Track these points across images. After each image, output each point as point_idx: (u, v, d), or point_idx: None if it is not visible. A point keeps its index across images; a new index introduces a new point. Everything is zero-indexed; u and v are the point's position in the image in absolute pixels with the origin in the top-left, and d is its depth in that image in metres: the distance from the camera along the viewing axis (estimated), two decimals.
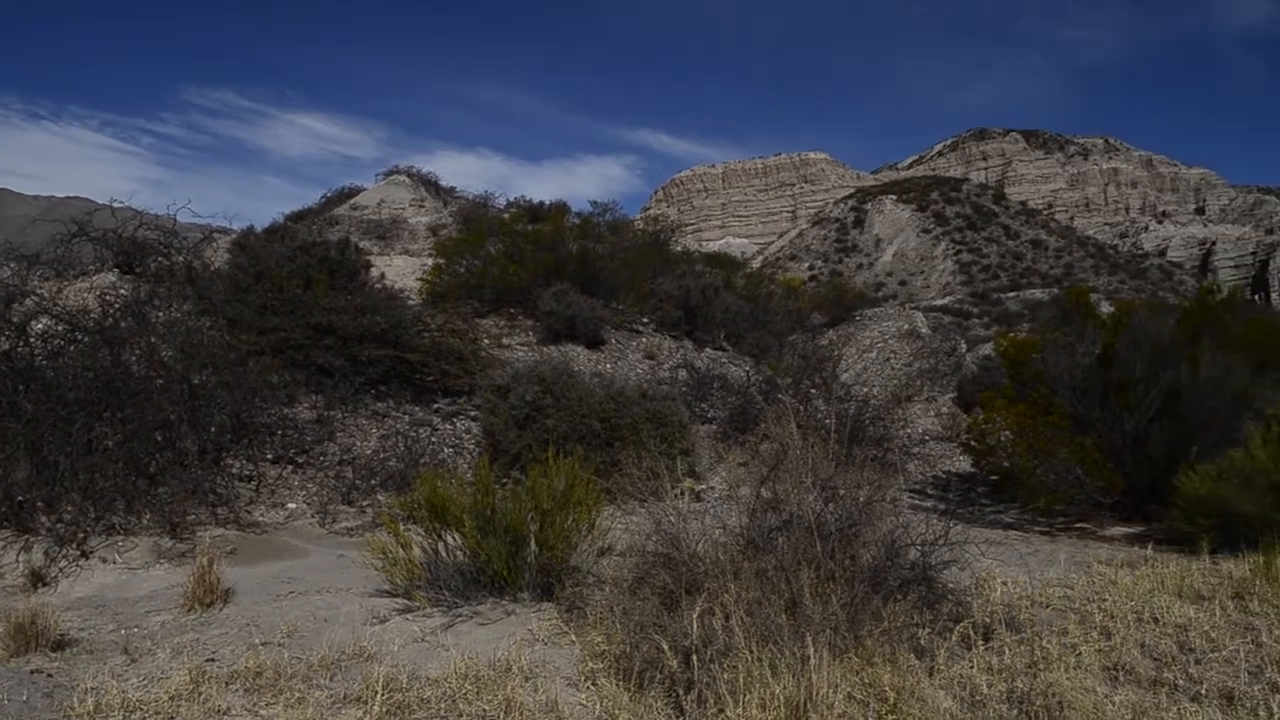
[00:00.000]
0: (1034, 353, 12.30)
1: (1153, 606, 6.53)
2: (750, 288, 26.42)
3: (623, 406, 11.08)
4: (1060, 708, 4.67)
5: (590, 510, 6.99)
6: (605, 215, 28.08)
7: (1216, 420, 10.51)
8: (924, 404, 20.93)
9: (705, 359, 17.98)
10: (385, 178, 44.54)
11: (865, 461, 6.38)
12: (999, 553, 8.48)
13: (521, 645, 5.58)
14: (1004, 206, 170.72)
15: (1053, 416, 10.86)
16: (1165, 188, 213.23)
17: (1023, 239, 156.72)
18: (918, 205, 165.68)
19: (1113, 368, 11.15)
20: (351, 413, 12.02)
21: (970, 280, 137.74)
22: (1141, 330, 11.31)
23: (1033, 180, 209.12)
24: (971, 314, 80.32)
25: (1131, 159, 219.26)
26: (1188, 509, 9.06)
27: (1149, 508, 10.48)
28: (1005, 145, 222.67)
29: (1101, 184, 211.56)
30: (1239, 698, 4.83)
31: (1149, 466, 10.70)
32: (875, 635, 5.17)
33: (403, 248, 32.54)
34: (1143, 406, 10.68)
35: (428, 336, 13.50)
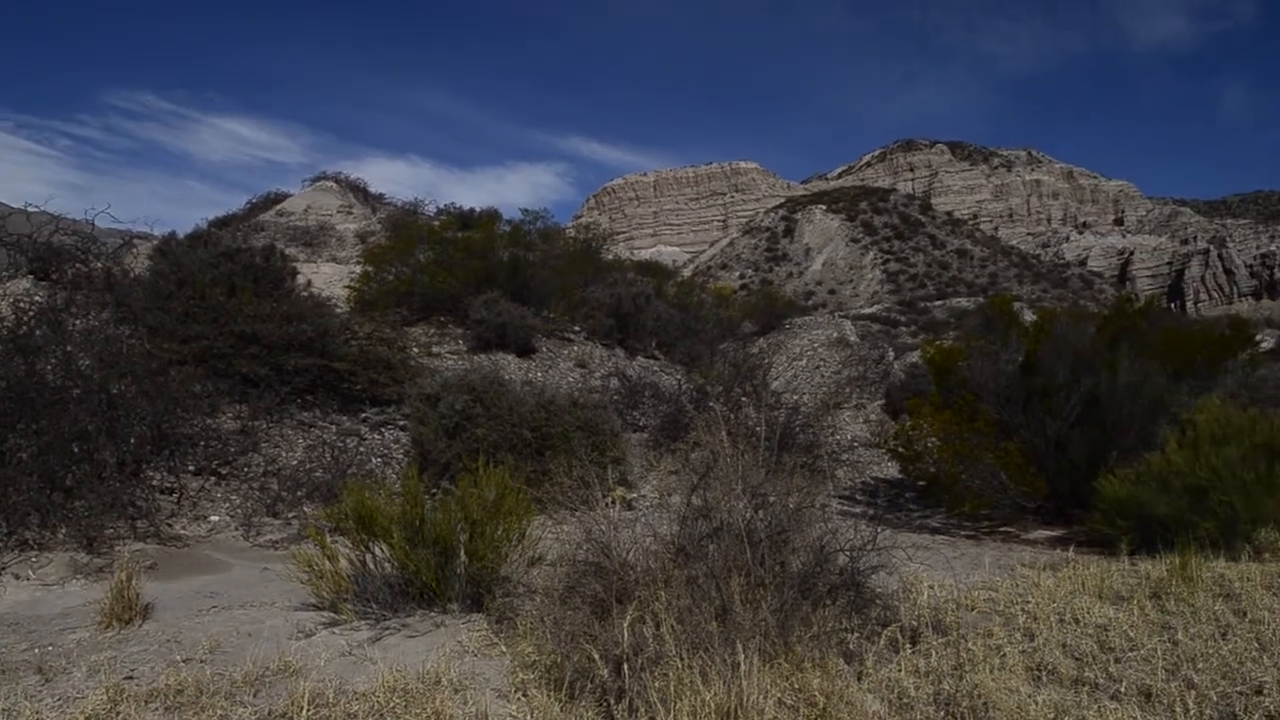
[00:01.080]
0: (959, 360, 12.50)
1: (1074, 607, 6.67)
2: (682, 296, 26.53)
3: (554, 415, 11.04)
4: (985, 708, 4.74)
5: (521, 520, 6.94)
6: (536, 223, 28.02)
7: (1134, 425, 10.78)
8: (853, 411, 21.17)
9: (637, 367, 18.00)
10: (313, 184, 43.92)
11: (795, 468, 6.42)
12: (926, 557, 8.61)
13: (451, 657, 5.52)
14: (931, 216, 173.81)
15: (978, 423, 11.05)
16: (1086, 199, 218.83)
17: (949, 248, 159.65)
18: (847, 215, 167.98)
19: (1035, 375, 11.37)
20: (277, 423, 11.82)
21: (898, 289, 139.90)
22: (1063, 338, 11.55)
23: (958, 191, 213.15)
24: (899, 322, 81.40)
25: (1053, 171, 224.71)
26: (1107, 512, 9.27)
27: (1071, 511, 10.70)
28: (932, 157, 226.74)
29: (1025, 195, 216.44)
30: (1156, 695, 4.95)
31: (1070, 471, 10.93)
32: (805, 640, 5.21)
33: (330, 255, 32.09)
34: (1064, 412, 10.91)
35: (355, 345, 13.32)
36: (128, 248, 16.93)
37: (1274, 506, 8.70)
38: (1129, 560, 8.30)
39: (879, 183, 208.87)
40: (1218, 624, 6.28)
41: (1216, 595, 7.03)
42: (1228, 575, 7.59)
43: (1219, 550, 8.44)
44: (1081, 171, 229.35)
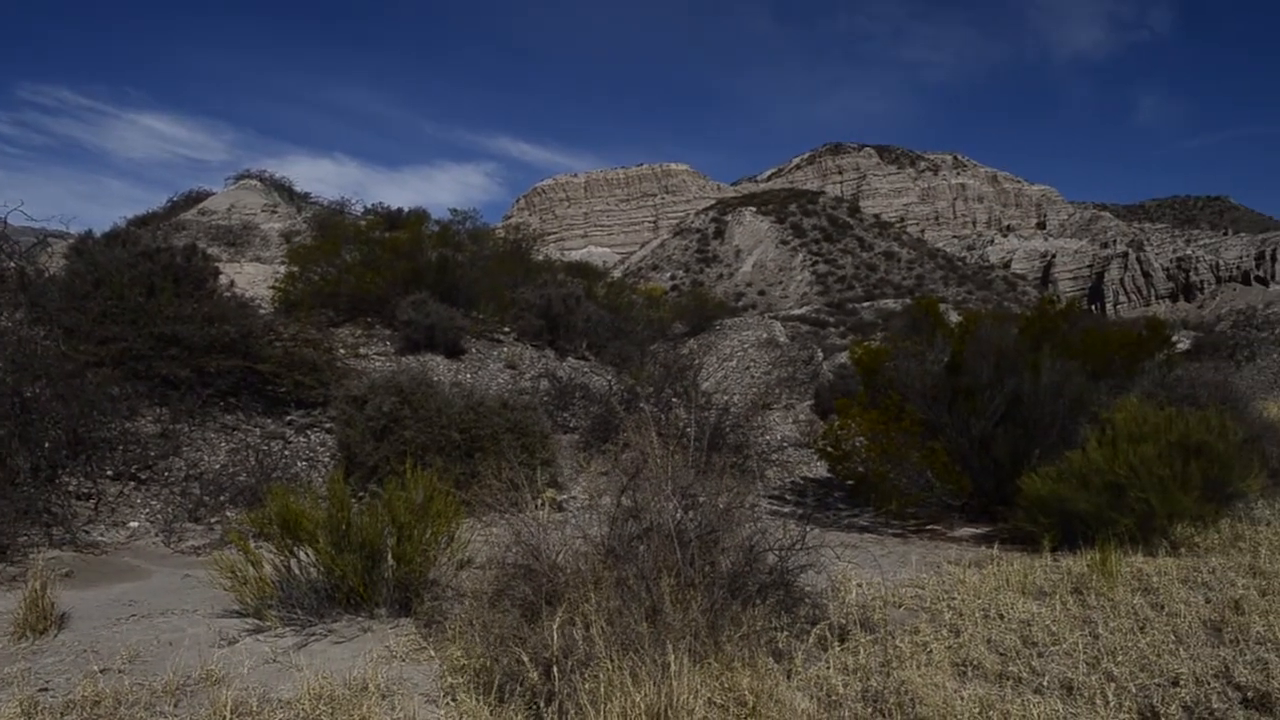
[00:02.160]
0: (886, 361, 12.64)
1: (998, 603, 6.79)
2: (612, 297, 26.49)
3: (483, 417, 10.94)
4: (912, 704, 4.80)
5: (449, 522, 6.87)
6: (465, 223, 27.83)
7: (1055, 424, 10.99)
8: (783, 411, 21.32)
9: (567, 368, 17.94)
10: (236, 182, 43.09)
11: (724, 469, 6.44)
12: (854, 555, 8.69)
13: (378, 663, 5.45)
14: (859, 219, 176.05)
15: (904, 422, 11.18)
16: (1009, 203, 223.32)
17: (876, 251, 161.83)
18: (776, 217, 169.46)
19: (960, 375, 11.54)
20: (199, 426, 11.56)
21: (827, 290, 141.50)
22: (987, 339, 11.74)
23: (886, 194, 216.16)
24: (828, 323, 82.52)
25: (978, 175, 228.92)
26: (1030, 509, 9.44)
27: (995, 509, 10.88)
28: (860, 160, 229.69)
29: (950, 199, 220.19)
30: (1078, 688, 5.05)
31: (995, 469, 11.11)
32: (735, 640, 5.22)
33: (254, 255, 31.49)
34: (988, 412, 11.09)
35: (280, 346, 13.08)
36: (42, 246, 16.47)
37: (1189, 502, 8.92)
38: (1051, 556, 8.47)
39: (808, 185, 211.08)
40: (1136, 618, 6.43)
41: (1135, 589, 7.20)
42: (1146, 570, 7.78)
43: (1137, 545, 8.64)
44: (1005, 176, 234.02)
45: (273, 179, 44.08)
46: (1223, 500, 9.47)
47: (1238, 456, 9.52)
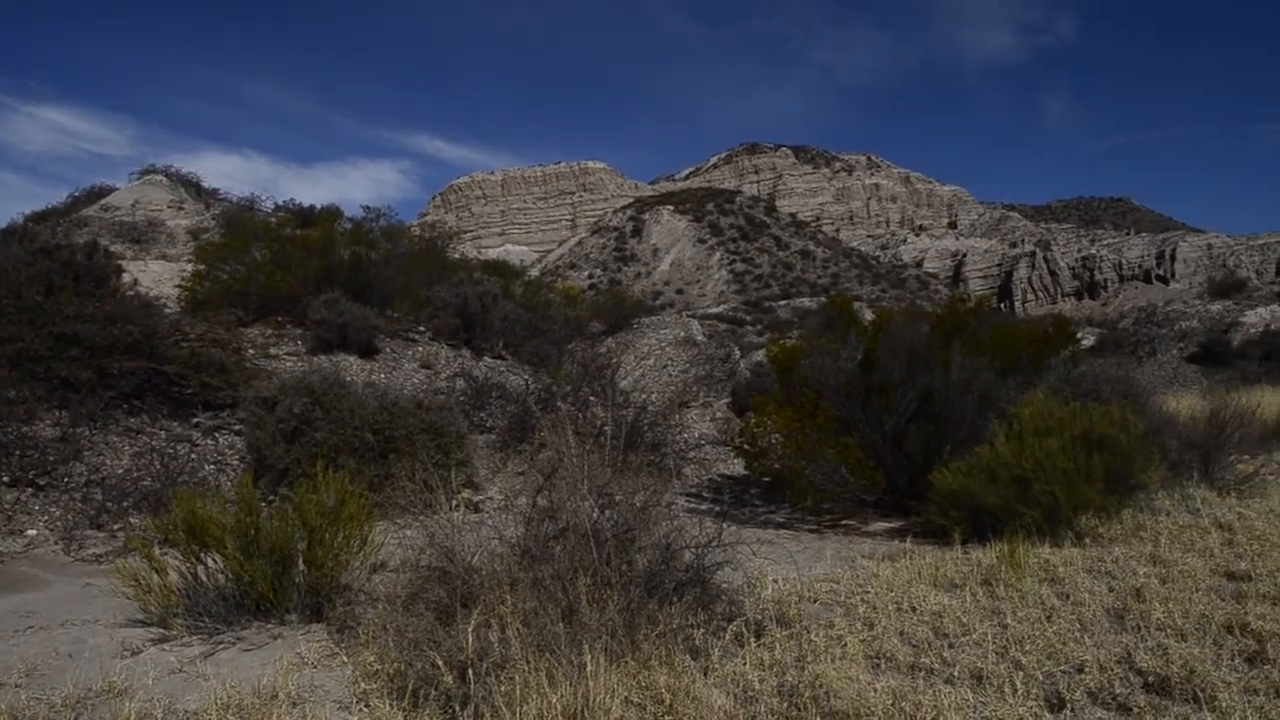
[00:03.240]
0: (801, 359, 12.76)
1: (911, 596, 6.90)
2: (529, 296, 26.37)
3: (397, 417, 10.79)
4: (827, 697, 4.84)
5: (362, 526, 6.76)
6: (379, 220, 27.39)
7: (965, 420, 11.21)
8: (700, 409, 21.43)
9: (483, 368, 17.79)
10: (141, 177, 42.01)
11: (641, 467, 6.44)
12: (770, 551, 8.76)
13: (289, 670, 5.34)
14: (775, 218, 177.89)
15: (819, 419, 11.30)
16: (922, 203, 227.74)
17: (793, 249, 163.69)
18: (694, 216, 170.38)
19: (874, 372, 11.70)
20: (101, 429, 11.19)
21: (744, 289, 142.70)
22: (899, 336, 11.92)
23: (802, 194, 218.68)
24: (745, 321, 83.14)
25: (891, 175, 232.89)
26: (941, 503, 9.61)
27: (908, 503, 11.04)
28: (776, 160, 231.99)
29: (864, 198, 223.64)
30: (988, 677, 5.15)
31: (907, 464, 11.29)
32: (651, 638, 5.22)
33: (160, 252, 30.68)
34: (901, 408, 11.27)
35: (187, 347, 12.72)
36: None
37: (1093, 494, 9.17)
38: (962, 549, 8.63)
39: (725, 184, 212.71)
40: (1043, 607, 6.58)
41: (1042, 580, 7.37)
42: (1052, 560, 7.97)
43: (1044, 537, 8.86)
44: (918, 176, 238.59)
45: (179, 174, 43.07)
46: (1125, 492, 9.76)
47: (1139, 449, 9.82)
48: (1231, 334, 35.10)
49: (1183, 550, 8.37)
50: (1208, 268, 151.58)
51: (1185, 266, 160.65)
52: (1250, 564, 7.72)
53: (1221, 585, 7.19)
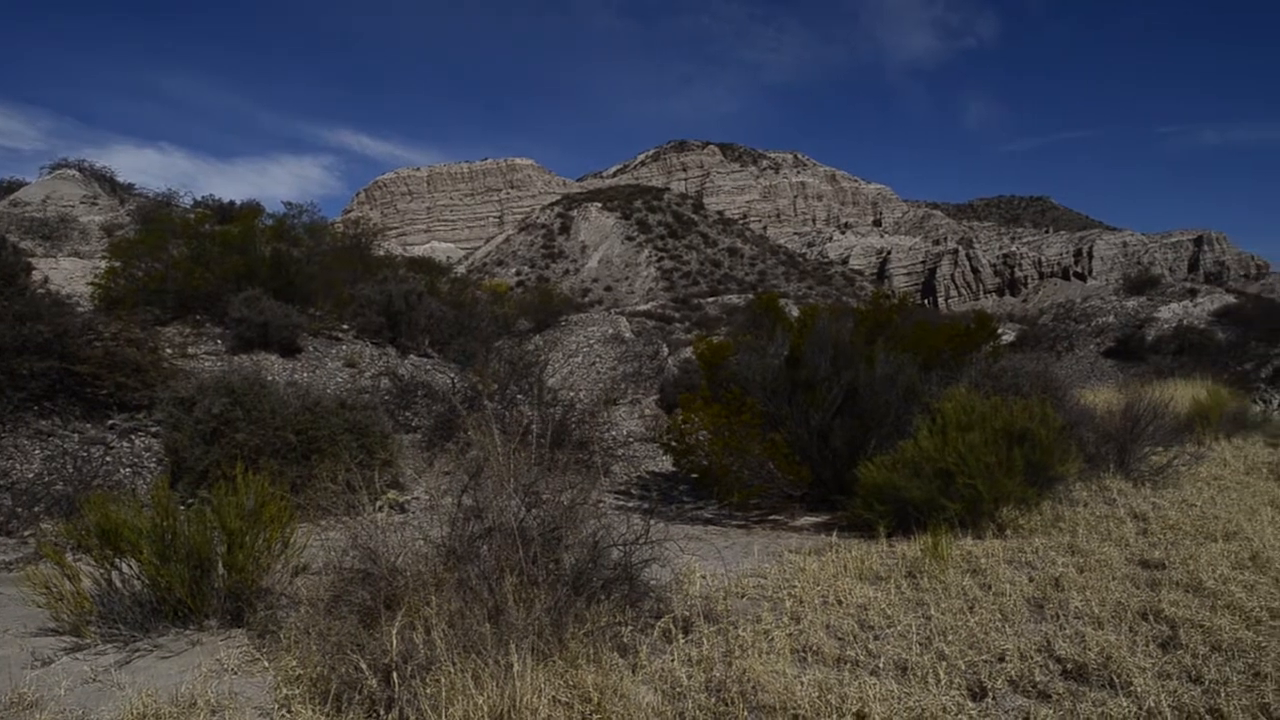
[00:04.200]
0: (728, 356, 12.83)
1: (837, 589, 6.97)
2: (456, 293, 26.13)
3: (320, 417, 10.60)
4: (754, 692, 4.87)
5: (284, 528, 6.62)
6: (302, 217, 26.86)
7: (890, 414, 11.36)
8: (629, 406, 21.43)
9: (409, 366, 17.59)
10: (52, 172, 40.83)
11: (569, 465, 6.41)
12: (699, 548, 8.78)
13: (208, 677, 5.21)
14: (703, 216, 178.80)
15: (746, 415, 11.35)
16: (847, 201, 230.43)
17: (720, 247, 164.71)
18: (622, 213, 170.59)
19: (800, 368, 11.80)
20: (10, 432, 10.84)
21: (672, 286, 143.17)
22: (824, 333, 12.03)
23: (729, 191, 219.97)
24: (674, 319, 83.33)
25: (818, 174, 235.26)
26: (867, 497, 9.72)
27: (834, 497, 11.16)
28: (704, 157, 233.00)
29: (791, 196, 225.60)
30: (912, 668, 5.22)
31: (833, 459, 11.41)
32: (579, 637, 5.20)
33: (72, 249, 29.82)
34: (826, 403, 11.38)
35: (100, 346, 12.36)
36: None
37: (1014, 486, 9.35)
38: (887, 542, 8.74)
39: (653, 182, 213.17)
40: (966, 598, 6.69)
41: (965, 571, 7.50)
42: (974, 552, 8.11)
43: (967, 529, 9.02)
44: (844, 175, 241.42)
45: (93, 169, 41.93)
46: (1044, 484, 9.96)
47: (1058, 442, 10.03)
48: (1146, 329, 36.02)
49: (1100, 540, 8.58)
50: (1123, 265, 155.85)
51: (1102, 264, 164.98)
52: (1164, 552, 7.94)
53: (1136, 574, 7.38)
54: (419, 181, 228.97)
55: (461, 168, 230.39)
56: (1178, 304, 38.96)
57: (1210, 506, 10.08)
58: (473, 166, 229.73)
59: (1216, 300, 39.43)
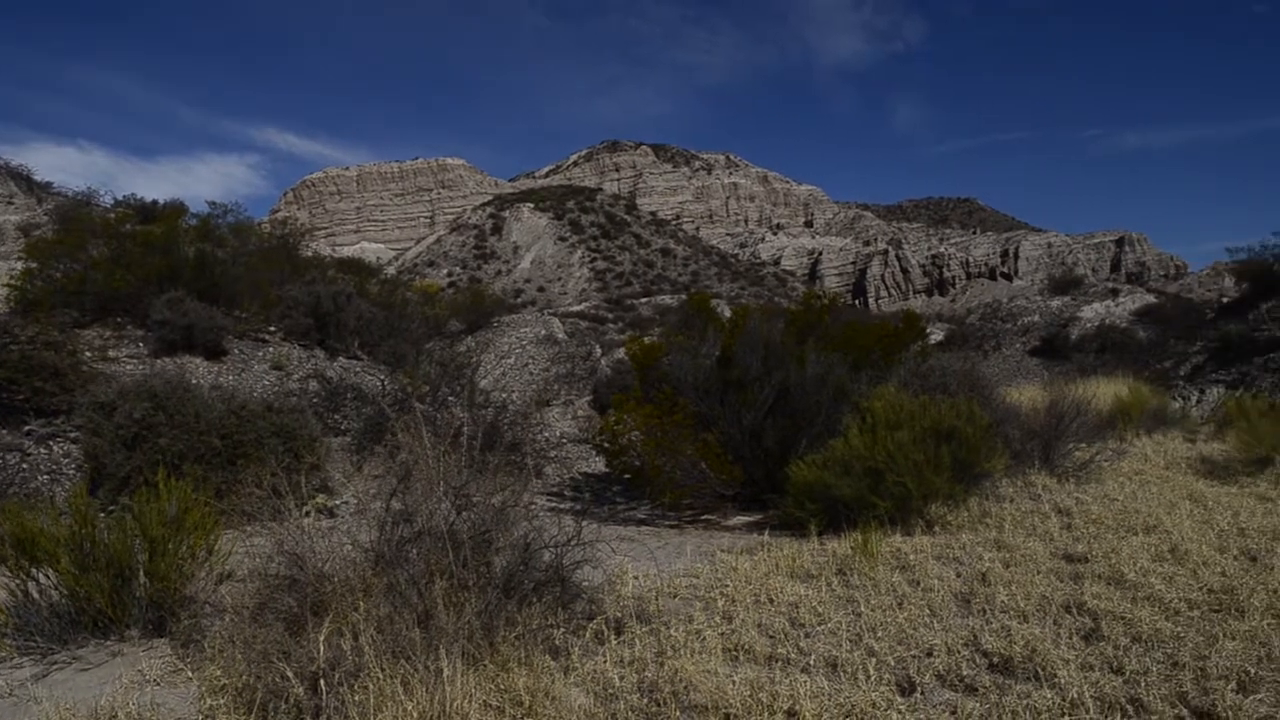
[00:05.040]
0: (661, 356, 12.84)
1: (769, 588, 7.01)
2: (386, 294, 25.81)
3: (246, 421, 10.40)
4: (686, 691, 4.88)
5: (208, 534, 6.49)
6: (227, 217, 26.31)
7: (820, 414, 11.46)
8: (562, 408, 21.38)
9: (338, 368, 17.35)
10: None
11: (500, 467, 6.36)
12: (632, 549, 8.78)
13: (129, 689, 5.09)
14: (636, 216, 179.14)
15: (678, 416, 11.38)
16: (779, 202, 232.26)
17: (653, 248, 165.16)
18: (555, 214, 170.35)
19: (731, 368, 11.86)
20: None
21: (605, 287, 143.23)
22: (756, 333, 12.10)
23: (662, 192, 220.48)
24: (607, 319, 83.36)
25: (750, 175, 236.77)
26: (798, 496, 9.79)
27: (766, 496, 11.22)
28: (636, 158, 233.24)
29: (724, 197, 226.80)
30: (842, 664, 5.27)
31: (765, 458, 11.48)
32: (510, 640, 5.17)
33: None
34: (758, 403, 11.45)
35: (16, 350, 12.01)
36: None
37: (942, 484, 9.49)
38: (818, 540, 8.81)
39: (586, 182, 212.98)
40: (895, 594, 6.78)
41: (894, 568, 7.59)
42: (904, 549, 8.22)
43: (896, 526, 9.13)
44: (775, 176, 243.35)
45: (8, 167, 40.62)
46: (971, 480, 10.13)
47: (984, 440, 10.20)
48: (1070, 328, 36.79)
49: (1025, 535, 8.74)
50: (1048, 265, 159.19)
51: (1028, 264, 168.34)
52: (1087, 546, 8.11)
53: (1061, 567, 7.53)
54: (348, 181, 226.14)
55: (392, 167, 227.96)
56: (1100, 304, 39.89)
57: (1131, 501, 10.34)
58: (403, 166, 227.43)
59: (1137, 300, 40.45)
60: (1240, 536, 8.50)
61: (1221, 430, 16.11)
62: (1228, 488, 11.40)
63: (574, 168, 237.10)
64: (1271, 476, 11.88)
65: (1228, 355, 24.42)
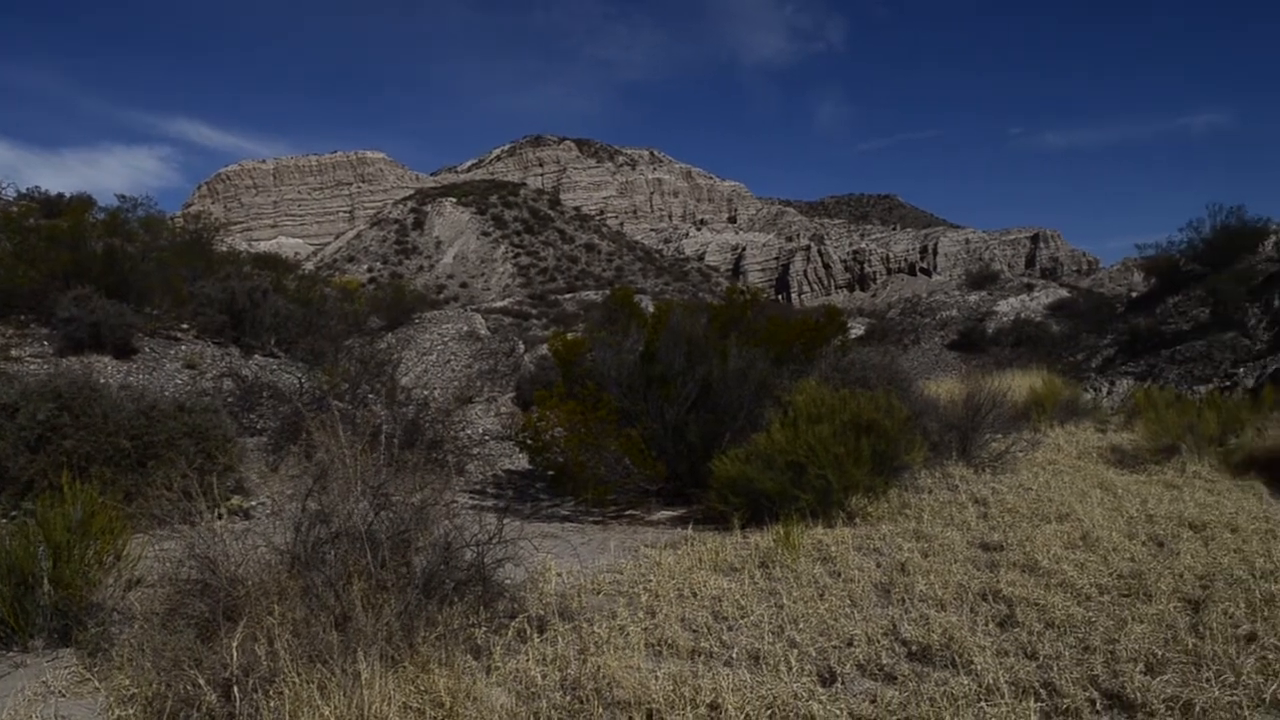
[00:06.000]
0: (584, 352, 12.81)
1: (692, 582, 7.03)
2: (304, 290, 25.33)
3: (156, 422, 10.10)
4: (609, 688, 4.86)
5: (116, 539, 6.29)
6: (137, 211, 25.58)
7: (743, 408, 11.53)
8: (485, 404, 21.20)
9: (254, 367, 16.99)
10: None
11: (420, 465, 6.27)
12: (555, 545, 8.73)
13: (33, 701, 4.92)
14: (559, 212, 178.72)
15: (601, 411, 11.34)
16: (703, 198, 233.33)
17: (578, 243, 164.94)
18: (477, 208, 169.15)
19: (655, 363, 11.86)
20: None
21: (529, 282, 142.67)
22: (678, 328, 12.13)
23: (586, 187, 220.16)
24: (530, 315, 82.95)
25: (674, 170, 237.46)
26: (721, 490, 9.84)
27: (690, 491, 11.27)
28: (560, 153, 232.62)
29: (648, 193, 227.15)
30: (764, 657, 5.30)
31: (688, 453, 11.52)
32: (431, 640, 5.09)
33: None
34: (681, 398, 11.47)
35: None
36: None
37: (862, 476, 9.62)
38: (741, 534, 8.87)
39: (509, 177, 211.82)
40: (816, 586, 6.84)
41: (816, 559, 7.66)
42: (825, 541, 8.30)
43: (818, 518, 9.22)
44: (699, 172, 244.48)
45: None
46: (891, 472, 10.28)
47: (904, 432, 10.36)
48: (987, 322, 37.50)
49: (943, 525, 8.90)
50: (965, 261, 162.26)
51: (946, 260, 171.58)
52: (1002, 535, 8.28)
53: (977, 556, 7.68)
54: (265, 174, 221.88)
55: (310, 160, 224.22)
56: (1016, 298, 40.74)
57: (1045, 490, 10.58)
58: (322, 159, 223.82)
59: (1051, 294, 41.40)
60: (1148, 523, 8.75)
61: (1131, 421, 16.59)
62: (1137, 476, 11.74)
63: (497, 162, 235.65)
64: (1178, 465, 12.26)
65: (1137, 348, 25.11)
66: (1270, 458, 11.79)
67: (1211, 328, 23.49)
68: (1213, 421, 13.19)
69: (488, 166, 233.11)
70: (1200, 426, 13.01)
